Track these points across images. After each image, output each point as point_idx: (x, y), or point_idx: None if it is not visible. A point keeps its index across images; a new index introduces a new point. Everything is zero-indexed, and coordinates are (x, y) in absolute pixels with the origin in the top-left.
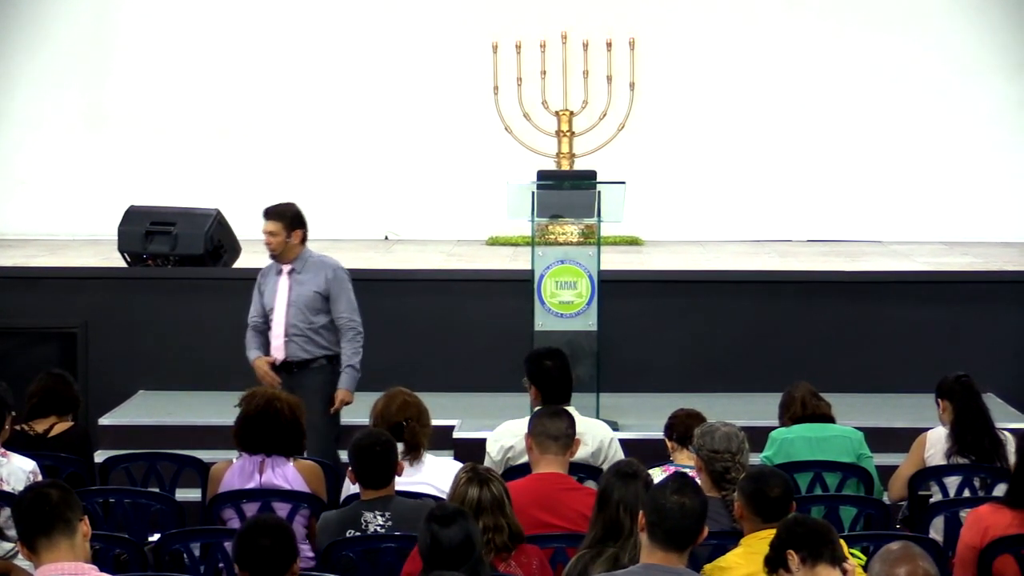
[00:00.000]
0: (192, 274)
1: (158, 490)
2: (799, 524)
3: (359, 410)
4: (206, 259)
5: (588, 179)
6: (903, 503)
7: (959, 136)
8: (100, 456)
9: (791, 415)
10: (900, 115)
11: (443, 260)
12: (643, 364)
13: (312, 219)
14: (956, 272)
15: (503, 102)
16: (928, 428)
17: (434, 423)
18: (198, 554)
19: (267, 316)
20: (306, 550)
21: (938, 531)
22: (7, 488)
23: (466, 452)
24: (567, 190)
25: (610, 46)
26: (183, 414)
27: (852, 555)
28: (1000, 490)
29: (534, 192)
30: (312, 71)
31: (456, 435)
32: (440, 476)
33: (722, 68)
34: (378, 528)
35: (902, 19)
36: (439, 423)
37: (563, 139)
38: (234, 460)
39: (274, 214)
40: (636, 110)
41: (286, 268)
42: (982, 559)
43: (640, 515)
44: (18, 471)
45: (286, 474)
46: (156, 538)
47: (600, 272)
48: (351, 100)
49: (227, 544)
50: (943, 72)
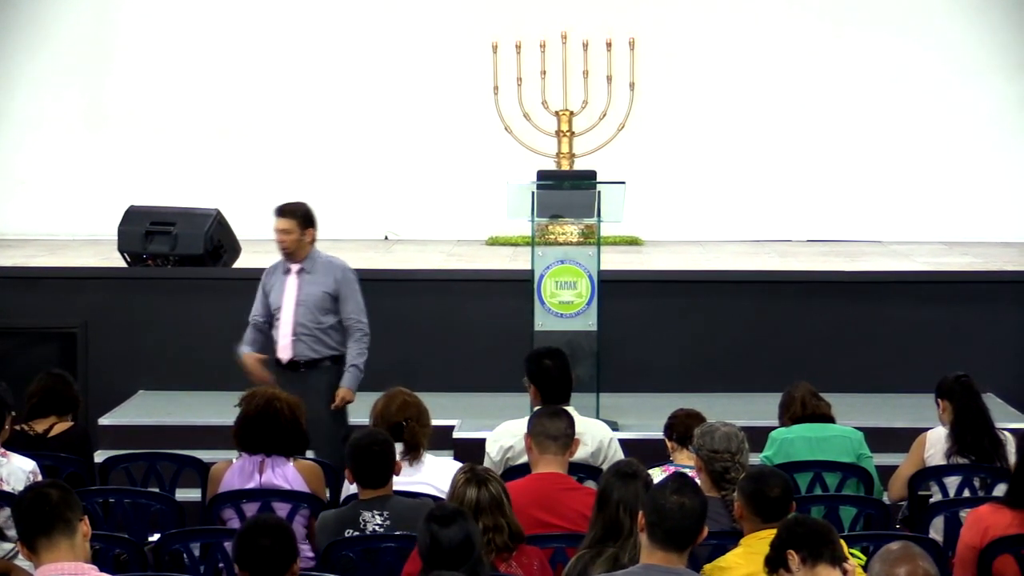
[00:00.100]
0: (192, 274)
1: (158, 490)
2: (799, 524)
3: (360, 410)
4: (206, 259)
5: (588, 179)
6: (903, 503)
7: (959, 136)
8: (100, 456)
9: (791, 415)
10: (900, 115)
11: (443, 260)
12: (643, 364)
13: None
14: (956, 272)
15: (503, 102)
16: (928, 428)
17: (434, 423)
18: (198, 554)
19: (272, 315)
20: (306, 550)
21: (938, 531)
22: (7, 488)
23: (466, 452)
24: (567, 190)
25: (610, 46)
26: (183, 414)
27: (852, 555)
28: (1000, 490)
29: (534, 192)
30: (312, 71)
31: (456, 435)
32: (440, 476)
33: (722, 68)
34: (376, 527)
35: (902, 19)
36: (439, 423)
37: (563, 139)
38: (234, 460)
39: (288, 212)
40: (636, 110)
41: (294, 267)
42: (982, 559)
43: (640, 515)
44: (18, 471)
45: (286, 474)
46: (156, 538)
47: (600, 272)
48: (351, 100)
49: (227, 544)
50: (943, 72)
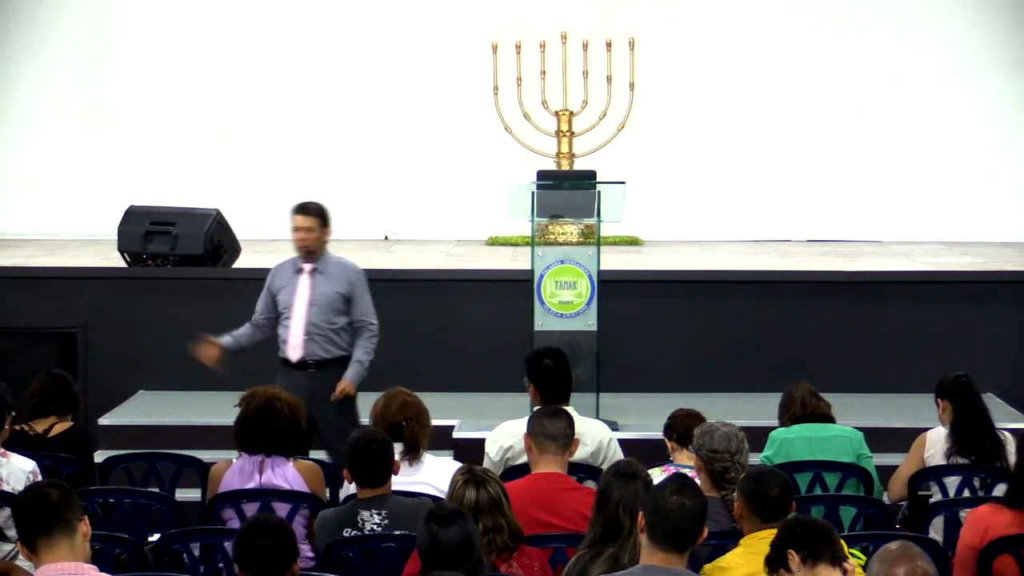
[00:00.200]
0: (192, 274)
1: (158, 490)
2: (799, 524)
3: (360, 410)
4: (206, 259)
5: (588, 179)
6: (903, 503)
7: (959, 136)
8: (100, 456)
9: (791, 415)
10: (900, 115)
11: (443, 260)
12: (643, 364)
13: None
14: (956, 272)
15: (503, 102)
16: (928, 428)
17: (434, 423)
18: (198, 554)
19: (279, 314)
20: (306, 550)
21: (938, 531)
22: (7, 488)
23: (466, 452)
24: (567, 190)
25: (610, 46)
26: (183, 414)
27: (852, 555)
28: (1000, 490)
29: (534, 192)
30: (312, 71)
31: (456, 435)
32: (440, 476)
33: (722, 68)
34: (375, 526)
35: (902, 19)
36: (439, 423)
37: (563, 139)
38: (234, 460)
39: (310, 210)
40: (636, 110)
41: (307, 267)
42: (982, 559)
43: (640, 516)
44: (18, 471)
45: (286, 474)
46: (156, 538)
47: (600, 272)
48: (351, 100)
49: (227, 544)
50: (943, 72)
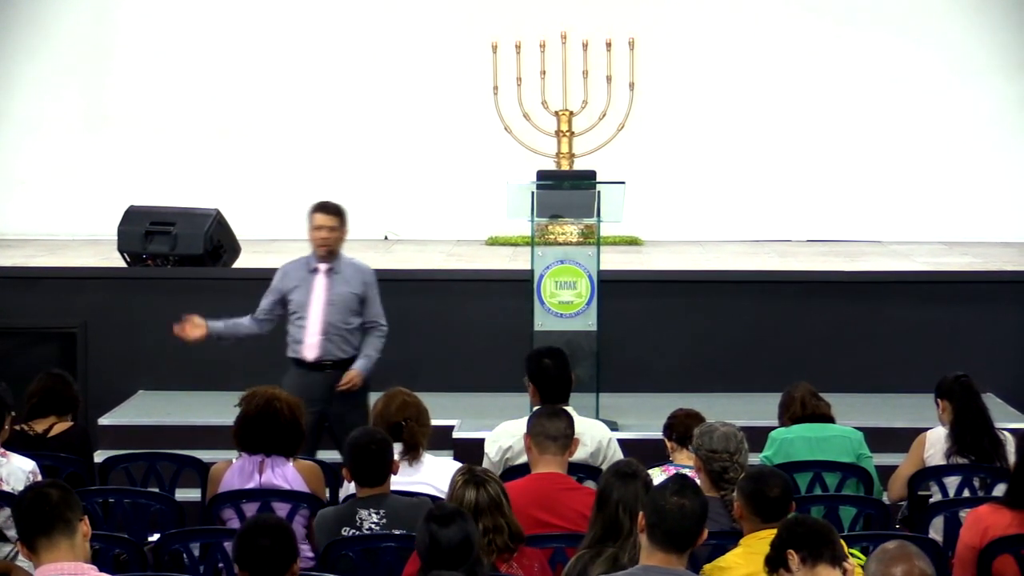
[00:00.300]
0: (192, 274)
1: (158, 490)
2: (799, 524)
3: None
4: (206, 259)
5: (588, 179)
6: (903, 503)
7: (959, 136)
8: (100, 456)
9: (791, 415)
10: (900, 115)
11: (443, 260)
12: (643, 364)
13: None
14: (956, 272)
15: (503, 102)
16: (928, 428)
17: (434, 423)
18: (198, 554)
19: (286, 314)
20: (306, 550)
21: (938, 531)
22: (7, 488)
23: (465, 452)
24: (567, 190)
25: (610, 46)
26: (182, 414)
27: (852, 555)
28: (1000, 490)
29: (534, 192)
30: (312, 71)
31: (456, 435)
32: (439, 476)
33: (722, 68)
34: (373, 526)
35: (902, 19)
36: (439, 423)
37: (563, 139)
38: (234, 460)
39: (332, 209)
40: (636, 110)
41: (323, 267)
42: (982, 559)
43: (640, 516)
44: (18, 471)
45: (286, 474)
46: (156, 538)
47: (600, 272)
48: (351, 100)
49: (227, 544)
50: (943, 72)
